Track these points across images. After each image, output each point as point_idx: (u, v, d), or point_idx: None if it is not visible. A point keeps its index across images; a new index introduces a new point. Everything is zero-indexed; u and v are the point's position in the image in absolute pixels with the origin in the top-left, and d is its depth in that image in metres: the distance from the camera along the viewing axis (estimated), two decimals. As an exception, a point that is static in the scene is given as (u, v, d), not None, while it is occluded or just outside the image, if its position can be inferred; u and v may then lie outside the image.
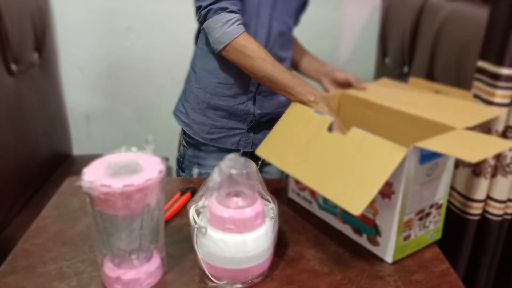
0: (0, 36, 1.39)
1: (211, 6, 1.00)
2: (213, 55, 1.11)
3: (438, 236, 0.93)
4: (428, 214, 0.88)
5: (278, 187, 1.12)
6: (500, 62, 0.95)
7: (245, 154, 1.21)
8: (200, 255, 0.79)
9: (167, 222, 0.95)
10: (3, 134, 1.40)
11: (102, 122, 2.07)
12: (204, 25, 1.03)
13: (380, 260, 0.86)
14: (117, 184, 0.68)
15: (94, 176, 0.70)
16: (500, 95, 0.96)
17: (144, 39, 1.92)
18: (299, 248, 0.89)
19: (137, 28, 1.91)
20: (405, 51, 1.57)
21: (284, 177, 1.30)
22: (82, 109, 2.04)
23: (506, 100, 0.97)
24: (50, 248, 0.87)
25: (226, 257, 0.76)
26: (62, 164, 1.88)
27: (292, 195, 1.07)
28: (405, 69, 1.59)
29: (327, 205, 0.96)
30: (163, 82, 1.98)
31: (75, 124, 2.05)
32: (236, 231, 0.76)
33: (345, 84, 1.16)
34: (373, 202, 0.85)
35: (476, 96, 1.02)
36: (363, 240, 0.90)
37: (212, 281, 0.78)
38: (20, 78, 1.52)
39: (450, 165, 0.87)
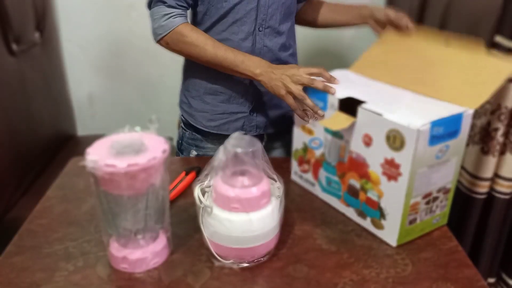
0: (0, 15, 1.37)
1: None
2: None
3: (444, 221, 0.91)
4: (435, 198, 0.85)
5: (284, 166, 1.11)
6: None
7: None
8: (206, 234, 0.78)
9: (173, 202, 0.95)
10: (6, 115, 1.39)
11: (106, 102, 2.06)
12: (149, 13, 1.06)
13: (388, 238, 0.86)
14: (121, 163, 0.67)
15: (97, 156, 0.69)
16: None
17: (146, 17, 1.88)
18: (306, 227, 0.89)
19: (138, 6, 1.87)
20: (413, 27, 1.53)
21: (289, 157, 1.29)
22: (85, 89, 2.02)
23: (518, 76, 0.94)
24: (56, 229, 0.87)
25: (232, 236, 0.76)
26: (66, 145, 1.88)
27: (295, 177, 1.06)
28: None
29: (331, 187, 0.95)
30: (166, 60, 1.95)
31: (78, 104, 2.04)
32: (242, 210, 0.75)
33: (390, 22, 1.09)
34: (378, 184, 0.83)
35: None
36: (367, 223, 0.88)
37: (219, 260, 0.78)
38: (22, 58, 1.50)
39: (461, 148, 0.84)
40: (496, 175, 1.06)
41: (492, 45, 0.98)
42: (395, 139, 0.78)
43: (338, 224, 0.90)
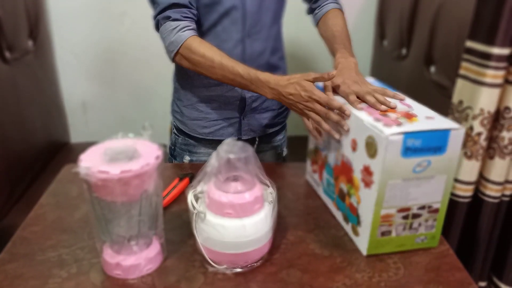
0: (-7, 23, 1.37)
1: (158, 17, 1.01)
2: None
3: (433, 243, 0.86)
4: (416, 215, 0.82)
5: (277, 171, 1.12)
6: (491, 42, 0.93)
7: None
8: (199, 240, 0.79)
9: (166, 208, 0.95)
10: (-1, 122, 1.39)
11: (99, 109, 2.06)
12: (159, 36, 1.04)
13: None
14: (114, 170, 0.68)
15: (91, 162, 0.69)
16: (491, 75, 0.95)
17: (139, 24, 1.89)
18: (299, 232, 0.89)
19: (131, 13, 1.89)
20: (404, 33, 1.55)
21: (280, 162, 1.29)
22: (79, 96, 2.02)
23: (498, 81, 0.96)
24: (49, 236, 0.87)
25: (226, 241, 0.76)
26: (60, 152, 1.88)
27: (308, 177, 1.08)
28: (404, 51, 1.57)
29: (329, 189, 0.96)
30: (159, 67, 1.96)
31: (71, 111, 2.04)
32: (235, 216, 0.76)
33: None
34: (358, 190, 0.83)
35: (465, 77, 1.00)
36: (348, 228, 0.89)
37: (212, 266, 0.78)
38: (15, 66, 1.50)
39: (450, 167, 0.79)
40: (485, 179, 1.07)
41: (466, 51, 0.99)
42: (371, 146, 0.78)
43: (330, 229, 0.91)
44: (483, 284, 1.18)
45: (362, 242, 0.84)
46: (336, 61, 1.01)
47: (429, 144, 0.76)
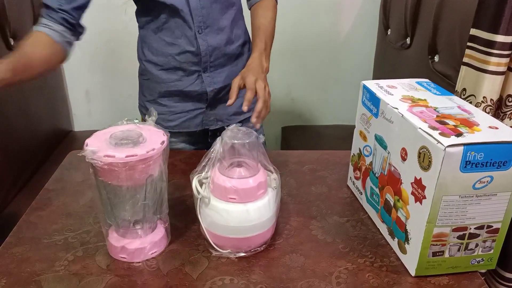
0: (-3, 10, 1.37)
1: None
2: (146, 43, 1.12)
3: (491, 265, 0.77)
4: (474, 235, 0.73)
5: (279, 159, 1.12)
6: (494, 30, 0.93)
7: (214, 134, 1.21)
8: (203, 225, 0.80)
9: (170, 193, 0.96)
10: (3, 110, 1.39)
11: (102, 99, 2.07)
12: None
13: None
14: (120, 154, 0.68)
15: (96, 147, 0.70)
16: (494, 63, 0.95)
17: (143, 14, 1.89)
18: (302, 219, 0.90)
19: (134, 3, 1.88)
20: (408, 23, 1.55)
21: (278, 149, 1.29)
22: (82, 85, 2.03)
23: (501, 68, 0.96)
24: (55, 220, 0.88)
25: (229, 226, 0.77)
26: (63, 141, 1.89)
27: (349, 183, 1.02)
28: (408, 41, 1.57)
29: (372, 199, 0.90)
30: (163, 57, 1.96)
31: (75, 100, 2.04)
32: (239, 201, 0.76)
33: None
34: (407, 204, 0.75)
35: (468, 65, 1.00)
36: (394, 244, 0.81)
37: (216, 250, 0.79)
38: (19, 54, 1.50)
39: None
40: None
41: (470, 39, 0.99)
42: (425, 157, 0.70)
43: (333, 216, 0.91)
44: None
45: (411, 262, 0.76)
46: (249, 61, 1.03)
47: (492, 158, 0.66)
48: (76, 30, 1.04)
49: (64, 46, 1.01)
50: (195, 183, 0.79)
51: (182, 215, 0.89)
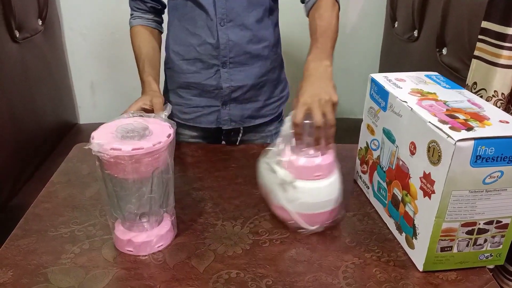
0: (3, 3, 1.37)
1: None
2: (171, 31, 1.13)
3: (499, 261, 0.77)
4: (482, 231, 0.73)
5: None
6: (507, 23, 0.91)
7: (228, 133, 1.20)
8: (291, 208, 0.81)
9: (177, 186, 0.95)
10: (9, 102, 1.39)
11: (107, 91, 2.06)
12: None
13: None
14: (126, 147, 0.68)
15: (103, 139, 0.69)
16: (506, 56, 0.93)
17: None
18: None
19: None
20: (415, 16, 1.53)
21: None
22: (87, 77, 2.02)
23: (513, 62, 0.94)
24: (61, 213, 0.88)
25: (321, 202, 0.81)
26: (68, 133, 1.89)
27: (356, 177, 1.02)
28: (415, 34, 1.55)
29: (380, 193, 0.90)
30: (168, 49, 1.95)
31: (80, 92, 2.04)
32: (324, 177, 0.81)
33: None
34: (415, 198, 0.75)
35: (479, 58, 0.99)
36: (401, 239, 0.81)
37: (307, 229, 0.83)
38: (24, 45, 1.50)
39: None
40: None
41: (482, 32, 0.98)
42: (434, 152, 0.69)
43: (340, 210, 0.91)
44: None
45: (418, 257, 0.75)
46: (305, 65, 0.91)
47: (503, 152, 0.66)
48: (162, 10, 1.18)
49: (159, 28, 1.18)
50: (282, 172, 0.81)
51: (189, 208, 0.89)
